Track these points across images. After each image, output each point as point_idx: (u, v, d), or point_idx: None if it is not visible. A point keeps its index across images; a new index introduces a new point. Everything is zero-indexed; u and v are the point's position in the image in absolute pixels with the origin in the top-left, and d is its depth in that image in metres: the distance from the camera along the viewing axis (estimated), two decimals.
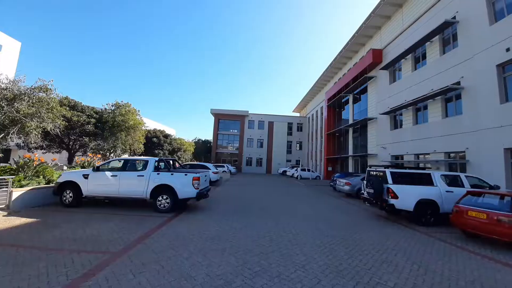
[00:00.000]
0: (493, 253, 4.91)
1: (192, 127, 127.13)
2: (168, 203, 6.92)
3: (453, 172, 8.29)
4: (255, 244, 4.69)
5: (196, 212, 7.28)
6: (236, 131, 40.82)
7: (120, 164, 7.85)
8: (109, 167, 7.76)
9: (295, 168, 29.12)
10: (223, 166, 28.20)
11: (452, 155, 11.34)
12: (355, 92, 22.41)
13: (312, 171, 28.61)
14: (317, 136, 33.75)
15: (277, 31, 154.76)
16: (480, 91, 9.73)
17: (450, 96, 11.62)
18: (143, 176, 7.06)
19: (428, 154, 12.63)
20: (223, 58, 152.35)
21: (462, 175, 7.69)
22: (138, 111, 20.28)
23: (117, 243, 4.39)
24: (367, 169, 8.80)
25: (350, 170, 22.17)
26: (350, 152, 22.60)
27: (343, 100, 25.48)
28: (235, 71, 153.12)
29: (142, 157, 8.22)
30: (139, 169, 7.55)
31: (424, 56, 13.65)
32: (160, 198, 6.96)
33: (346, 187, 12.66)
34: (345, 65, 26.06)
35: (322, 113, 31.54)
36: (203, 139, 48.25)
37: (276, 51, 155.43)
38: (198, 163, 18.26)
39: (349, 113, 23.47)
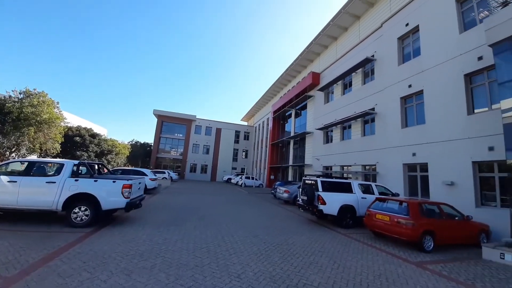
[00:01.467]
0: (395, 250, 5.99)
1: (131, 129, 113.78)
2: (87, 215, 5.86)
3: (367, 182, 9.99)
4: (190, 256, 4.44)
5: (124, 225, 6.41)
6: (181, 135, 38.62)
7: (22, 167, 6.27)
8: (7, 170, 6.10)
9: (240, 176, 29.43)
10: (164, 172, 26.10)
11: (367, 167, 13.66)
12: (297, 108, 24.62)
13: (256, 179, 29.47)
14: (262, 146, 35.21)
15: (231, 40, 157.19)
16: (388, 117, 12.17)
17: (367, 119, 14.12)
18: (54, 182, 5.79)
19: (350, 166, 14.86)
20: (170, 62, 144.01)
21: (373, 184, 9.33)
22: (57, 103, 16.88)
23: (11, 266, 3.44)
24: (303, 178, 9.66)
25: (290, 178, 23.88)
26: (291, 162, 24.44)
27: (287, 114, 27.59)
28: (185, 77, 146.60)
29: (55, 160, 6.78)
30: (50, 173, 6.20)
31: (350, 84, 16.26)
32: (76, 210, 5.83)
33: (285, 195, 13.53)
34: (290, 82, 28.49)
35: (268, 124, 33.23)
36: (142, 142, 43.69)
37: (229, 60, 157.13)
38: (133, 168, 16.31)
39: (291, 126, 25.53)
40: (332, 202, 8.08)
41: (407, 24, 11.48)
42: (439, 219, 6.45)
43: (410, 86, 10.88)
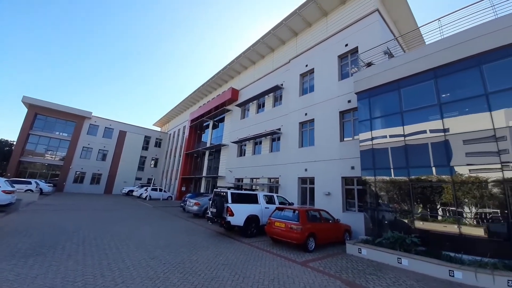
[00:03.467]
0: (287, 253, 6.83)
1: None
2: None
3: (270, 193, 11.20)
4: None
5: None
6: (66, 134, 30.22)
7: None
8: None
9: (145, 188, 25.96)
10: (29, 183, 19.39)
11: (272, 180, 15.37)
12: (215, 119, 24.85)
13: (165, 191, 26.81)
14: (175, 154, 32.81)
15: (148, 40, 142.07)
16: (289, 137, 14.34)
17: (275, 137, 16.12)
18: None
19: (259, 178, 16.27)
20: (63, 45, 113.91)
21: (275, 195, 10.54)
22: None
23: None
24: (214, 190, 9.67)
25: (203, 190, 23.27)
26: (205, 173, 23.96)
27: (204, 124, 27.25)
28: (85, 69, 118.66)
29: None
30: None
31: (263, 105, 18.20)
32: None
33: (195, 207, 13.00)
34: (210, 93, 28.58)
35: (184, 132, 31.55)
36: None
37: (145, 59, 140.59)
38: None
39: (208, 137, 25.36)
40: (239, 213, 8.45)
41: (306, 65, 14.26)
42: (319, 223, 7.97)
43: (306, 114, 13.37)
